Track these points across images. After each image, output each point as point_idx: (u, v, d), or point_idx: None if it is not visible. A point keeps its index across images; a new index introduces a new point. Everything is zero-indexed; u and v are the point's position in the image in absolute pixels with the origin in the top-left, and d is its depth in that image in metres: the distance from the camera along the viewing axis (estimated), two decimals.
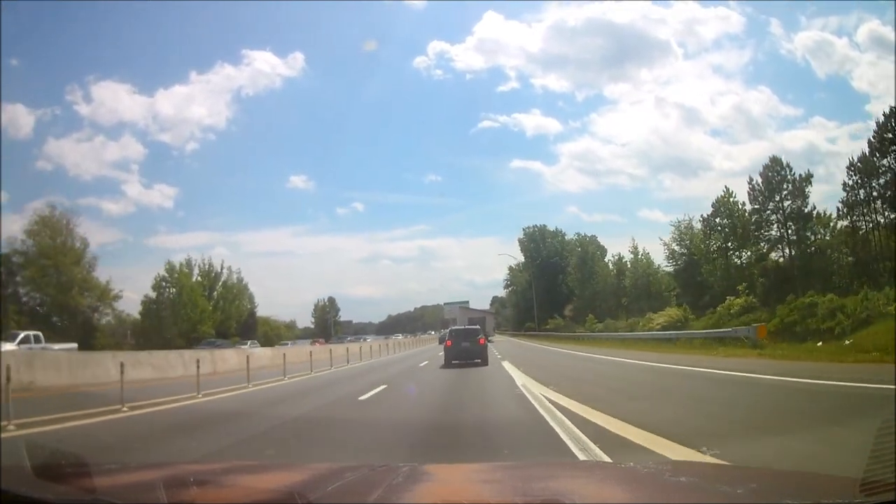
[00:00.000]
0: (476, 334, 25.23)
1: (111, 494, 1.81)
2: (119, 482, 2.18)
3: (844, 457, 5.23)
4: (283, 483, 2.29)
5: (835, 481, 2.24)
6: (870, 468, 1.72)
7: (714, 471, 2.86)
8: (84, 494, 1.75)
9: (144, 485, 2.08)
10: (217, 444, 8.18)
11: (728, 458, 5.49)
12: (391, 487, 2.17)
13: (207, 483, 2.19)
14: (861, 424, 6.40)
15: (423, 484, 2.38)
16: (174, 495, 1.78)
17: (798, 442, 6.50)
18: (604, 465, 3.25)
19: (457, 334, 25.35)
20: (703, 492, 2.20)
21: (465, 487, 2.38)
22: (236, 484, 2.35)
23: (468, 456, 6.69)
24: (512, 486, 2.42)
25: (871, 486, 1.63)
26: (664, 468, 2.73)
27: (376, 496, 2.02)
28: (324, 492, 2.06)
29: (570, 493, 2.23)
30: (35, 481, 1.77)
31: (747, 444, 6.67)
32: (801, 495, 2.02)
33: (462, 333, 25.41)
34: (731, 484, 2.28)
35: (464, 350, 23.90)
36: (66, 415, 10.13)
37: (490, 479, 2.57)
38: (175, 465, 2.90)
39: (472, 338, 24.72)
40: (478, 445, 7.56)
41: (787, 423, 7.96)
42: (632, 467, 2.93)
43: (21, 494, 1.66)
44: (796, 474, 2.80)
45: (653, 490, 2.30)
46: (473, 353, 23.75)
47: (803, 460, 5.58)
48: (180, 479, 2.17)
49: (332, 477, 2.38)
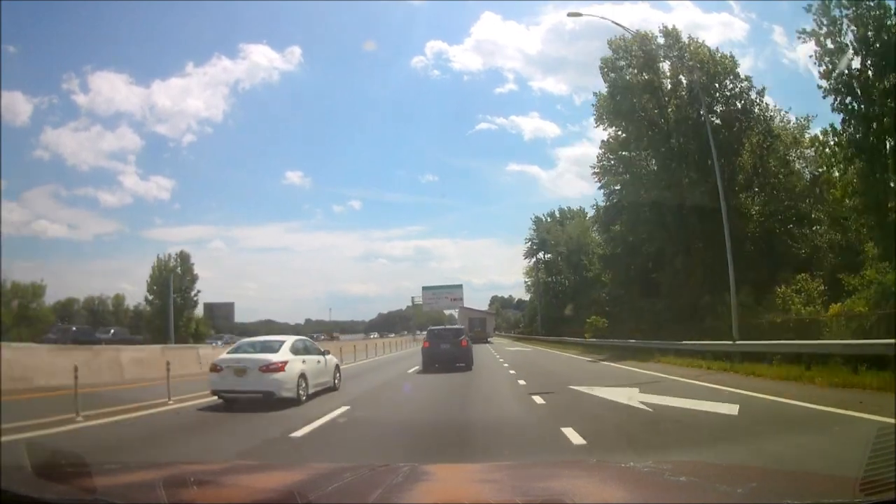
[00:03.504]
0: (458, 335, 21.72)
1: (111, 494, 1.81)
2: (119, 482, 2.18)
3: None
4: (283, 483, 2.29)
5: (834, 481, 2.24)
6: (870, 467, 1.72)
7: (714, 471, 2.86)
8: (84, 494, 1.75)
9: (144, 485, 2.08)
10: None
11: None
12: (391, 487, 2.17)
13: (207, 483, 2.19)
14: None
15: (423, 484, 2.38)
16: (174, 495, 1.79)
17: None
18: (604, 465, 3.25)
19: (436, 335, 21.52)
20: (703, 492, 2.20)
21: (465, 487, 2.38)
22: (236, 484, 2.35)
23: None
24: (512, 486, 2.42)
25: (870, 485, 1.63)
26: (664, 468, 2.73)
27: (376, 496, 2.02)
28: (324, 492, 2.06)
29: (571, 493, 2.23)
30: (35, 481, 1.77)
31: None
32: (800, 495, 2.02)
33: (442, 334, 21.73)
34: (731, 484, 2.28)
35: (444, 352, 20.30)
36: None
37: (490, 479, 2.57)
38: (175, 465, 2.90)
39: (454, 339, 21.12)
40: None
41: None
42: (632, 467, 2.93)
43: (21, 494, 1.66)
44: (796, 474, 2.80)
45: (653, 490, 2.29)
46: (455, 357, 20.18)
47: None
48: (180, 479, 2.17)
49: (332, 477, 2.38)
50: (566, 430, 7.65)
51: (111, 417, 10.02)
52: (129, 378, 16.83)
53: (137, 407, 11.05)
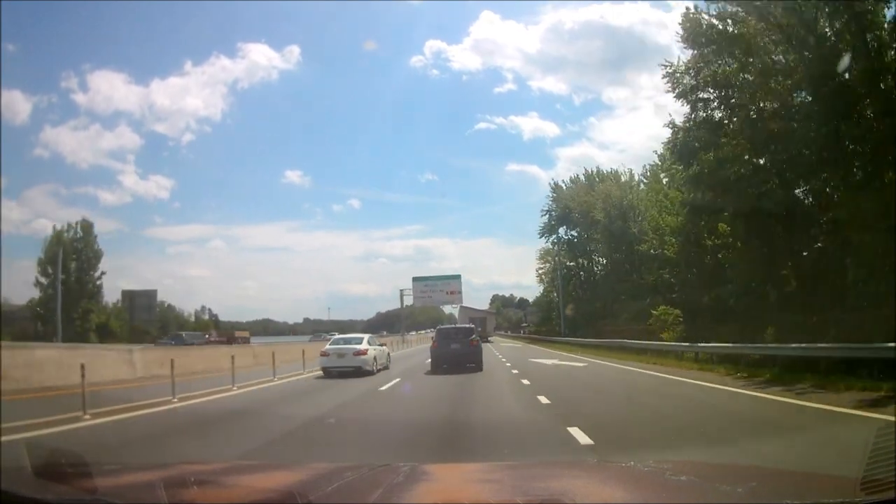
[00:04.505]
0: (468, 334, 21.11)
1: (111, 494, 1.81)
2: (119, 482, 2.18)
3: None
4: (283, 483, 2.29)
5: (834, 480, 2.24)
6: (870, 467, 1.72)
7: (714, 471, 2.86)
8: (84, 494, 1.75)
9: (144, 485, 2.08)
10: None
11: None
12: (391, 487, 2.17)
13: (207, 483, 2.19)
14: None
15: (423, 484, 2.38)
16: (174, 495, 1.78)
17: None
18: (604, 465, 3.25)
19: (445, 334, 21.10)
20: (703, 492, 2.20)
21: (465, 487, 2.38)
22: (236, 484, 2.35)
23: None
24: (512, 485, 2.42)
25: (871, 484, 1.62)
26: (664, 468, 2.73)
27: (376, 496, 2.02)
28: (324, 492, 2.06)
29: (571, 493, 2.23)
30: (35, 481, 1.77)
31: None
32: (801, 495, 2.02)
33: (451, 333, 21.27)
34: (731, 484, 2.28)
35: (453, 353, 19.87)
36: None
37: (490, 479, 2.57)
38: (175, 466, 2.89)
39: (464, 338, 20.60)
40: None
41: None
42: (632, 467, 2.93)
43: (21, 494, 1.66)
44: (796, 474, 2.80)
45: (653, 490, 2.29)
46: (466, 357, 19.80)
47: None
48: (180, 479, 2.17)
49: (332, 477, 2.38)
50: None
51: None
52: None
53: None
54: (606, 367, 21.26)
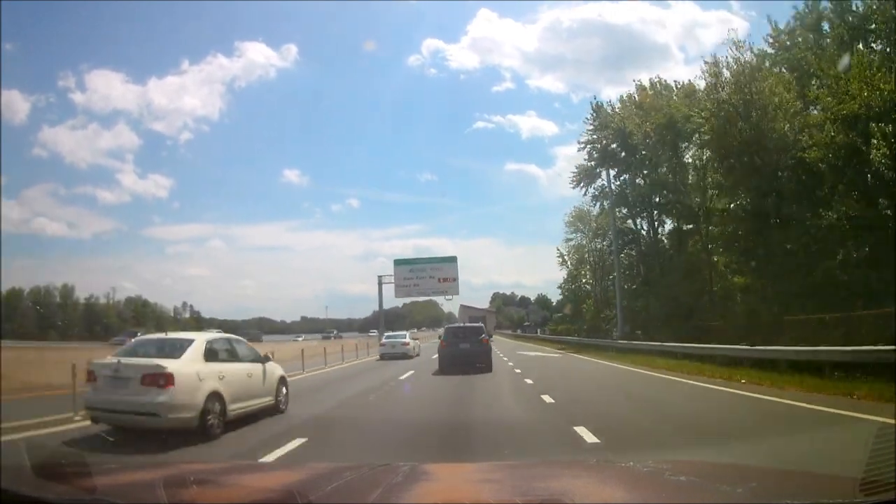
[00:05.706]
0: (478, 333, 20.57)
1: (111, 494, 1.81)
2: (119, 482, 2.19)
3: None
4: (283, 483, 2.29)
5: (835, 481, 2.24)
6: (870, 468, 1.72)
7: (714, 470, 2.86)
8: (84, 494, 1.75)
9: (144, 485, 2.08)
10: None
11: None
12: (391, 487, 2.17)
13: (207, 483, 2.19)
14: None
15: (423, 484, 2.38)
16: (174, 495, 1.79)
17: None
18: (604, 465, 3.25)
19: (454, 333, 20.62)
20: (703, 492, 2.20)
21: (465, 487, 2.38)
22: (236, 484, 2.35)
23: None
24: (512, 485, 2.42)
25: (870, 485, 1.63)
26: (664, 468, 2.73)
27: (376, 496, 2.02)
28: (324, 492, 2.06)
29: (571, 493, 2.23)
30: (35, 481, 1.77)
31: None
32: (801, 495, 2.02)
33: (460, 332, 20.81)
34: (731, 484, 2.28)
35: (462, 353, 19.30)
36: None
37: (490, 479, 2.57)
38: (175, 465, 2.90)
39: (474, 338, 20.06)
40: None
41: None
42: (632, 467, 2.93)
43: (21, 494, 1.66)
44: (796, 474, 2.80)
45: (653, 490, 2.30)
46: (475, 357, 19.22)
47: None
48: (180, 479, 2.17)
49: (332, 477, 2.38)
50: None
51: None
52: None
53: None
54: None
